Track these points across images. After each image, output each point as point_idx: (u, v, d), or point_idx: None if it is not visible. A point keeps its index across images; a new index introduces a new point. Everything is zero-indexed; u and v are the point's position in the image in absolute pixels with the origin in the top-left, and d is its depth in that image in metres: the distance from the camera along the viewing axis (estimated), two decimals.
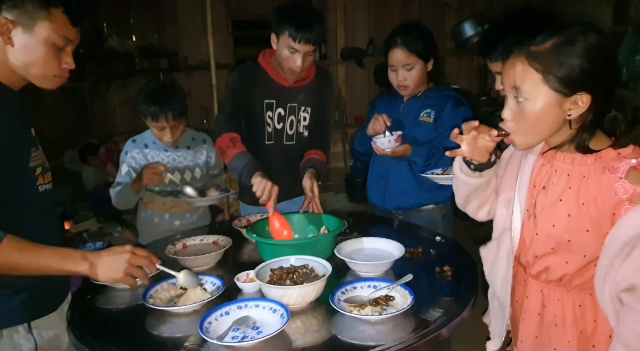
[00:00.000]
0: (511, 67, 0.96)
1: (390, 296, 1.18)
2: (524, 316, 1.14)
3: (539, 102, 0.93)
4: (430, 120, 1.79)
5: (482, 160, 1.12)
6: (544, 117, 0.95)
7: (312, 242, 1.44)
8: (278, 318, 1.11)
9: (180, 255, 1.53)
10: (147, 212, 1.99)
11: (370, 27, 5.09)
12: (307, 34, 1.65)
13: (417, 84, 1.80)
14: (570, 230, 0.99)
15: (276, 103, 1.87)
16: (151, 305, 1.21)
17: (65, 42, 1.14)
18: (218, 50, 5.13)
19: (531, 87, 0.93)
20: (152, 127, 1.86)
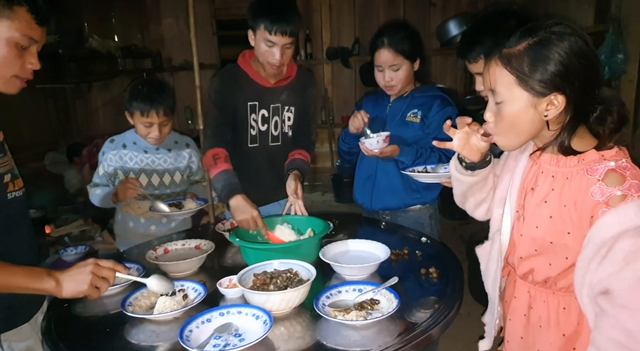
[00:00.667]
0: (487, 70, 0.97)
1: (375, 299, 1.16)
2: (511, 316, 1.13)
3: (514, 103, 0.94)
4: (417, 121, 1.78)
5: (474, 159, 1.11)
6: (520, 118, 0.95)
7: (296, 245, 1.41)
8: (261, 324, 1.08)
9: (162, 260, 1.49)
10: (122, 215, 1.93)
11: (355, 26, 5.09)
12: (283, 25, 1.63)
13: (404, 84, 1.79)
14: (552, 232, 0.98)
15: (259, 105, 1.84)
16: (130, 313, 1.17)
17: (30, 42, 1.09)
18: (202, 50, 5.09)
19: (506, 89, 0.94)
20: (140, 123, 1.80)
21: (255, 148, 1.88)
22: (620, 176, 0.89)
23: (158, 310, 1.17)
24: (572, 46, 0.89)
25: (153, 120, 1.79)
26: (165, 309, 1.18)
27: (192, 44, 2.95)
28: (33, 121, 4.70)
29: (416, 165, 1.72)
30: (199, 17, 5.04)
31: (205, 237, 1.65)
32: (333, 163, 5.14)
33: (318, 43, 5.10)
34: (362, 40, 4.95)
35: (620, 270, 0.85)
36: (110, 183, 1.88)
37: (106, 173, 1.86)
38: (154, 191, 1.88)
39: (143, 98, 1.78)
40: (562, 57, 0.89)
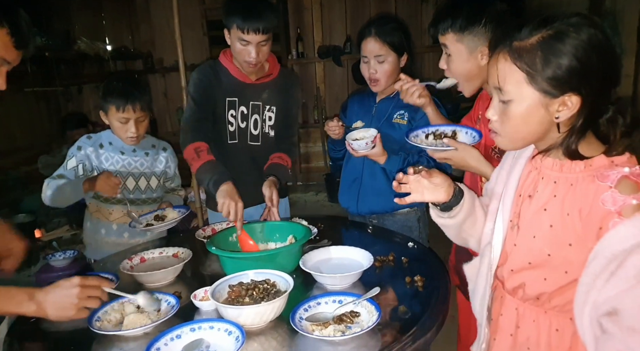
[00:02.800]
0: (494, 64, 0.87)
1: (355, 312, 1.10)
2: (497, 335, 1.04)
3: (523, 103, 0.85)
4: (404, 122, 1.72)
5: (442, 199, 1.03)
6: (528, 119, 0.86)
7: (274, 253, 1.35)
8: (233, 341, 1.02)
9: (137, 270, 1.43)
10: (92, 222, 1.84)
11: (347, 24, 5.02)
12: (255, 23, 1.58)
13: (388, 79, 1.72)
14: (552, 243, 0.88)
15: (238, 101, 1.79)
16: (96, 330, 1.11)
17: (1, 63, 1.03)
18: (193, 50, 5.05)
19: (515, 87, 0.85)
20: (115, 121, 1.73)
21: (234, 146, 1.83)
22: (635, 184, 0.79)
23: (126, 326, 1.11)
24: (591, 40, 0.79)
25: (129, 115, 1.72)
26: (134, 324, 1.12)
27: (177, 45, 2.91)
28: (25, 124, 4.64)
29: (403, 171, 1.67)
30: (190, 17, 5.00)
31: (186, 244, 1.58)
32: (326, 162, 5.08)
33: (309, 41, 5.03)
34: (353, 38, 4.88)
35: (632, 288, 0.75)
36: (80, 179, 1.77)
37: (77, 168, 1.76)
38: (129, 195, 1.81)
39: (118, 93, 1.72)
40: (580, 53, 0.79)
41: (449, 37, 1.30)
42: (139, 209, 1.82)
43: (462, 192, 1.05)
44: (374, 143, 1.61)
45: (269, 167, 1.77)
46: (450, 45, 1.30)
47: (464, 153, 1.32)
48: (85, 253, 1.92)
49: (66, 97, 5.15)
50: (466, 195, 1.05)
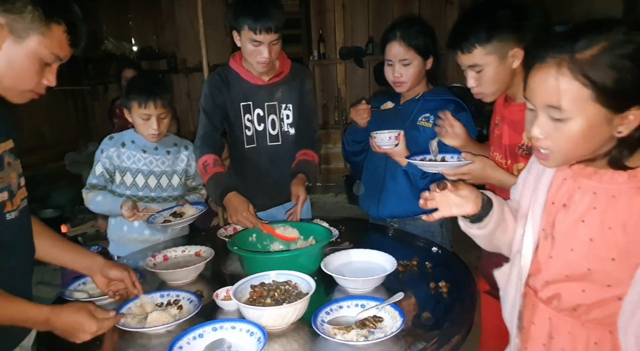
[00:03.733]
0: (544, 80, 0.79)
1: (378, 317, 1.08)
2: (528, 344, 0.99)
3: (585, 120, 0.77)
4: (429, 126, 1.68)
5: (471, 212, 0.98)
6: (590, 135, 0.78)
7: (296, 255, 1.34)
8: (255, 342, 1.02)
9: (160, 268, 1.44)
10: (116, 218, 1.87)
11: (369, 25, 5.00)
12: (266, 22, 1.58)
13: (413, 82, 1.69)
14: (592, 257, 0.84)
15: (253, 105, 1.80)
16: (121, 326, 1.12)
17: (54, 60, 1.03)
18: (216, 51, 5.09)
19: (576, 104, 0.77)
20: (138, 117, 1.77)
21: (253, 149, 1.83)
22: None
23: (150, 323, 1.12)
24: None
25: (150, 111, 1.75)
26: (157, 322, 1.13)
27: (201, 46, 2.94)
28: (54, 122, 4.77)
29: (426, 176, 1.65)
30: (213, 18, 5.04)
31: (208, 243, 1.59)
32: (346, 163, 5.06)
33: (331, 43, 5.02)
34: (376, 40, 4.85)
35: None
36: (108, 183, 1.82)
37: (104, 173, 1.81)
38: (150, 193, 1.83)
39: (140, 90, 1.76)
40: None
41: (476, 54, 1.25)
42: (161, 206, 1.84)
43: (491, 202, 1.01)
44: (397, 140, 1.59)
45: (296, 164, 1.78)
46: (480, 60, 1.26)
47: (482, 164, 1.30)
48: (109, 249, 1.95)
49: (93, 96, 5.27)
50: (495, 204, 1.01)
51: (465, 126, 1.64)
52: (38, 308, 1.03)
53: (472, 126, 1.67)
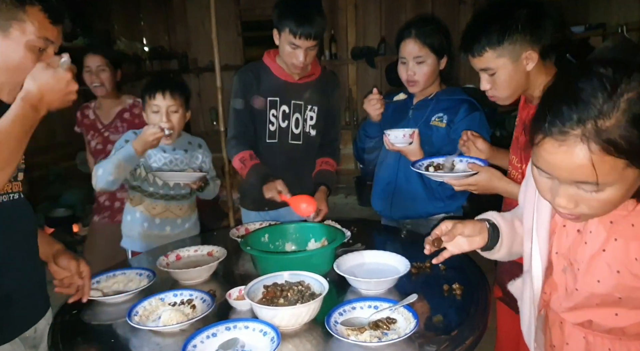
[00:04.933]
0: (568, 158, 0.69)
1: (392, 318, 1.08)
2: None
3: (623, 185, 0.71)
4: (443, 125, 1.67)
5: (481, 245, 1.01)
6: (627, 195, 0.74)
7: (308, 255, 1.34)
8: (268, 342, 1.02)
9: (173, 267, 1.45)
10: (135, 215, 1.89)
11: (381, 25, 4.98)
12: (307, 29, 1.63)
13: (426, 81, 1.68)
14: (621, 288, 0.81)
15: (280, 101, 1.83)
16: (135, 324, 1.13)
17: (46, 44, 1.03)
18: (227, 51, 5.13)
19: (612, 175, 0.69)
20: (149, 111, 1.78)
21: (273, 145, 1.86)
22: None
23: (164, 322, 1.13)
24: None
25: (159, 102, 1.75)
26: (171, 321, 1.13)
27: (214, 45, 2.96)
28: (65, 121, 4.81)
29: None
30: (224, 18, 5.08)
31: (220, 243, 1.60)
32: (357, 165, 5.05)
33: (343, 43, 5.02)
34: (388, 40, 4.84)
35: None
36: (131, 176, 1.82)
37: None
38: (170, 191, 1.86)
39: (151, 85, 1.79)
40: None
41: (488, 57, 1.24)
42: (180, 204, 1.87)
43: (498, 229, 1.00)
44: (411, 138, 1.58)
45: (318, 173, 1.83)
46: (492, 64, 1.24)
47: (489, 175, 1.29)
48: (122, 244, 1.97)
49: None
50: (502, 228, 1.01)
51: (478, 126, 1.64)
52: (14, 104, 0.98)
53: (486, 126, 1.66)
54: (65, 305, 1.31)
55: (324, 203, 1.72)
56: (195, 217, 1.99)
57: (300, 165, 1.86)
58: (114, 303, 1.30)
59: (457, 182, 1.32)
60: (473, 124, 1.62)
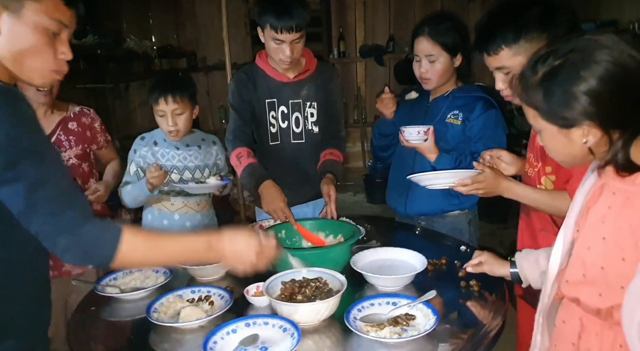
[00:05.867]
0: None
1: (411, 315, 1.08)
2: (558, 343, 0.98)
3: (546, 134, 0.88)
4: (458, 123, 1.67)
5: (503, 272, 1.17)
6: (557, 146, 0.88)
7: (325, 251, 1.34)
8: (288, 338, 1.02)
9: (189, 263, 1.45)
10: (154, 213, 1.90)
11: (390, 23, 4.96)
12: (288, 21, 1.58)
13: (440, 79, 1.68)
14: (605, 257, 0.84)
15: (277, 102, 1.81)
16: (154, 321, 1.14)
17: (59, 27, 0.97)
18: (236, 49, 5.11)
19: (534, 121, 0.88)
20: (156, 115, 1.78)
21: (276, 146, 1.85)
22: None
23: (183, 318, 1.14)
24: (606, 68, 0.77)
25: (164, 107, 1.74)
26: (190, 317, 1.14)
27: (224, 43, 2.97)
28: None
29: None
30: (233, 16, 5.07)
31: None
32: (365, 163, 5.05)
33: (351, 41, 5.00)
34: (396, 38, 4.82)
35: None
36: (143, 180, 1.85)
37: (138, 171, 1.84)
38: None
39: (154, 88, 1.77)
40: (586, 86, 0.77)
41: (503, 55, 1.22)
42: (197, 200, 1.88)
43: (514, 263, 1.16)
44: (426, 135, 1.59)
45: (323, 163, 1.79)
46: (507, 62, 1.23)
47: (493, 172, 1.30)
48: None
49: (114, 95, 5.34)
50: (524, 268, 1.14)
51: (494, 124, 1.63)
52: (197, 237, 1.02)
53: (503, 124, 1.65)
54: (83, 302, 1.33)
55: (333, 188, 1.67)
56: (212, 212, 2.00)
57: (306, 165, 1.84)
58: (132, 300, 1.31)
59: (461, 182, 1.32)
60: (489, 122, 1.61)
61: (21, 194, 0.84)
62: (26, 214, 0.86)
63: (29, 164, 0.85)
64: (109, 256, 0.90)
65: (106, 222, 0.93)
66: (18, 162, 0.84)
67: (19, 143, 0.85)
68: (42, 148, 0.89)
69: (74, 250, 0.89)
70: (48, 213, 0.86)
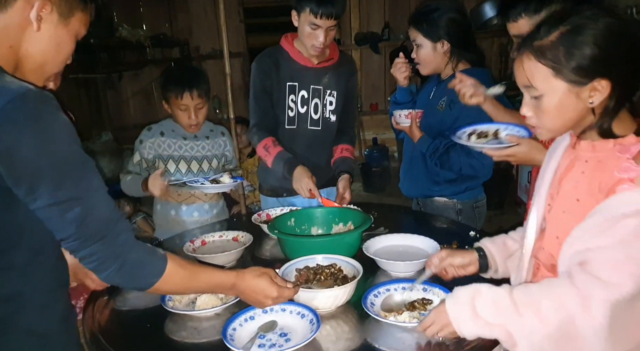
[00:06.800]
0: (519, 66, 0.91)
1: (427, 299, 1.09)
2: None
3: (554, 95, 0.88)
4: (442, 109, 1.69)
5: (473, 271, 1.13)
6: (562, 109, 0.89)
7: (339, 238, 1.35)
8: (307, 324, 1.03)
9: (199, 252, 1.46)
10: (162, 204, 1.91)
11: (385, 11, 4.94)
12: (328, 8, 1.61)
13: (426, 64, 1.70)
14: (578, 216, 0.88)
15: (299, 86, 1.82)
16: (170, 309, 1.14)
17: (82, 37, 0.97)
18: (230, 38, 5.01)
19: (543, 83, 0.88)
20: (175, 108, 1.79)
21: (292, 131, 1.85)
22: None
23: (199, 306, 1.14)
24: (610, 27, 0.83)
25: (187, 102, 1.77)
26: (206, 305, 1.14)
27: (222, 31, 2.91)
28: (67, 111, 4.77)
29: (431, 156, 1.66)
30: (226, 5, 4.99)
31: (242, 229, 1.61)
32: (361, 151, 5.05)
33: (346, 28, 4.98)
34: (392, 25, 4.81)
35: (612, 246, 0.80)
36: (145, 171, 1.84)
37: (141, 161, 1.83)
38: (183, 178, 1.84)
39: (176, 81, 1.78)
40: (600, 40, 0.82)
41: (522, 24, 1.25)
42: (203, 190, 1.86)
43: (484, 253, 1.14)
44: (408, 118, 1.65)
45: (339, 160, 1.83)
46: (524, 31, 1.20)
47: (529, 147, 1.27)
48: (155, 235, 1.98)
49: (107, 85, 5.26)
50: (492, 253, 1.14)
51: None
52: (225, 274, 1.06)
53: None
54: (95, 292, 1.32)
55: (348, 191, 1.74)
56: (222, 203, 2.00)
57: (320, 152, 1.85)
58: None
59: (496, 153, 1.30)
60: None
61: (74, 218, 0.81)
62: (76, 238, 0.83)
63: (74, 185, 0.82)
64: (151, 283, 0.92)
65: (151, 248, 0.94)
66: (66, 182, 0.81)
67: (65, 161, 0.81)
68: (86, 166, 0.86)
69: (122, 275, 0.89)
70: (100, 236, 0.85)
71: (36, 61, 0.90)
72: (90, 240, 0.84)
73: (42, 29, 0.87)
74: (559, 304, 0.82)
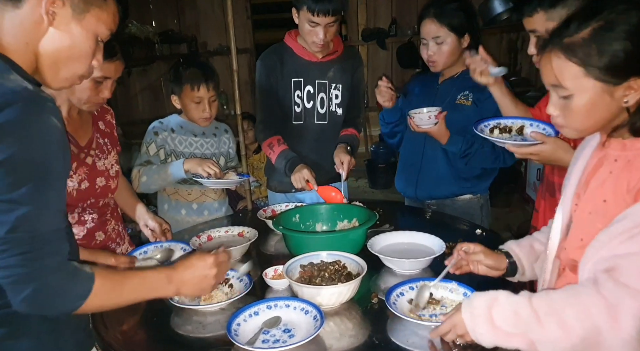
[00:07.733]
0: (547, 64, 0.87)
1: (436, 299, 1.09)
2: None
3: (585, 95, 0.84)
4: (469, 104, 1.66)
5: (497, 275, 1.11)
6: (593, 109, 0.85)
7: (343, 235, 1.35)
8: (310, 320, 1.04)
9: (205, 248, 1.47)
10: (171, 204, 1.90)
11: (392, 6, 4.90)
12: (325, 5, 1.61)
13: (447, 60, 1.67)
14: (604, 218, 0.85)
15: (304, 81, 1.83)
16: (176, 303, 1.15)
17: (107, 37, 0.94)
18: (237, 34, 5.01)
19: (573, 82, 0.84)
20: (190, 101, 1.78)
21: (299, 126, 1.87)
22: None
23: (204, 301, 1.15)
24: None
25: (203, 94, 1.78)
26: (211, 300, 1.15)
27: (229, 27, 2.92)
28: None
29: (467, 154, 1.62)
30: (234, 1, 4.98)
31: (247, 224, 1.61)
32: (368, 148, 5.03)
33: (353, 24, 4.95)
34: (399, 21, 4.77)
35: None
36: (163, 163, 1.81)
37: (159, 153, 1.80)
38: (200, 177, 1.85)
39: (192, 73, 1.79)
40: (634, 36, 0.78)
41: (537, 18, 1.23)
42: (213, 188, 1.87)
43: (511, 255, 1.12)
44: (437, 119, 1.58)
45: (341, 137, 1.85)
46: (540, 26, 1.23)
47: (554, 146, 1.23)
48: None
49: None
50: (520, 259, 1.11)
51: None
52: (157, 271, 0.99)
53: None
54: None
55: (345, 155, 1.71)
56: (227, 201, 2.01)
57: (327, 147, 1.85)
58: None
59: (519, 150, 1.26)
60: None
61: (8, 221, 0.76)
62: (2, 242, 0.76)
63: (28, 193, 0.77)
64: (76, 306, 0.84)
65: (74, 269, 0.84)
66: (21, 186, 0.76)
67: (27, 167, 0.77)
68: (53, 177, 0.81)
69: (39, 301, 0.80)
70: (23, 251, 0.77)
71: (50, 58, 0.87)
72: (12, 250, 0.77)
73: (54, 25, 0.85)
74: (584, 314, 0.77)
